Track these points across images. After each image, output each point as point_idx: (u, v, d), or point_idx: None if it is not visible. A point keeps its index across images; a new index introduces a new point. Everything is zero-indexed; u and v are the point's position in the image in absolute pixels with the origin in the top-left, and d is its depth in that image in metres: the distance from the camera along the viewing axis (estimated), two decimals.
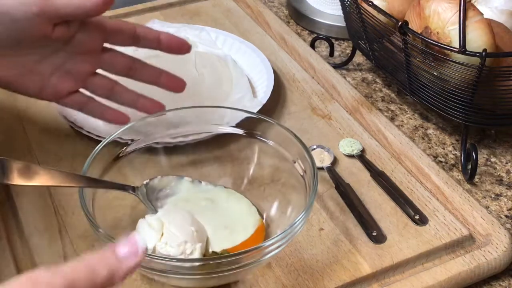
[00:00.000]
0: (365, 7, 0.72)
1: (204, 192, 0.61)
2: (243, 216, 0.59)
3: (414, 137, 0.74)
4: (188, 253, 0.53)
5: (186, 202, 0.60)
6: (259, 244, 0.50)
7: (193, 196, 0.61)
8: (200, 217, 0.57)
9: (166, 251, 0.52)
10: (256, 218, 0.59)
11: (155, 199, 0.60)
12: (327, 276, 0.55)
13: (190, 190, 0.61)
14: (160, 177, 0.61)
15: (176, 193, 0.61)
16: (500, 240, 0.58)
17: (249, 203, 0.61)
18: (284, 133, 0.59)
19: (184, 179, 0.62)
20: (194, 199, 0.61)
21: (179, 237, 0.53)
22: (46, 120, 0.72)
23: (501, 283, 0.58)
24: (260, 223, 0.59)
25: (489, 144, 0.74)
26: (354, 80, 0.84)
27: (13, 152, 0.68)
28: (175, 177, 0.62)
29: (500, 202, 0.66)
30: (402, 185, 0.64)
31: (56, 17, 0.57)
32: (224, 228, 0.58)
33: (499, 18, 0.70)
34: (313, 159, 0.55)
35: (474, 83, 0.64)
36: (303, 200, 0.56)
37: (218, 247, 0.56)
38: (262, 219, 0.59)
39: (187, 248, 0.53)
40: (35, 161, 0.67)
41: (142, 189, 0.59)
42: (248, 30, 0.90)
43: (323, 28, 0.93)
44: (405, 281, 0.55)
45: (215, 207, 0.60)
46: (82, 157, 0.67)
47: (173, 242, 0.53)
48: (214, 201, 0.60)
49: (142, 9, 0.94)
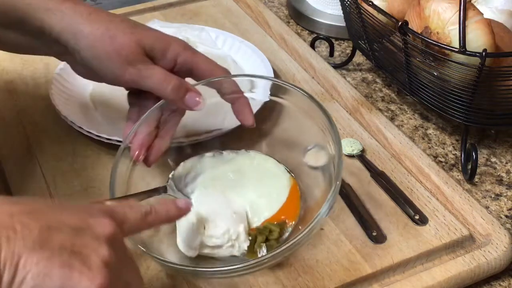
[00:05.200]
0: (365, 7, 0.72)
1: (229, 164, 0.62)
2: (273, 179, 0.60)
3: (414, 137, 0.74)
4: (234, 238, 0.54)
5: (214, 180, 0.61)
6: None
7: (219, 171, 0.61)
8: (232, 193, 0.58)
9: (213, 243, 0.54)
10: (286, 177, 0.59)
11: (184, 186, 0.60)
12: (327, 276, 0.55)
13: (215, 166, 0.62)
14: (182, 163, 0.61)
15: (202, 172, 0.61)
16: (500, 240, 0.58)
17: (275, 162, 0.61)
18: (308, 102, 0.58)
19: (205, 156, 0.62)
20: (221, 175, 0.61)
21: (221, 226, 0.54)
22: (46, 120, 0.72)
23: (501, 283, 0.58)
24: (292, 182, 0.59)
25: (489, 144, 0.74)
26: (354, 80, 0.84)
27: (13, 152, 0.68)
28: (196, 158, 0.62)
29: (500, 202, 0.66)
30: (402, 185, 0.64)
31: (136, 85, 0.59)
32: (259, 197, 0.58)
33: (499, 18, 0.70)
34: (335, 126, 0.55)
35: (474, 83, 0.64)
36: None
37: (259, 220, 0.57)
38: (292, 176, 0.59)
39: (232, 234, 0.54)
40: (35, 161, 0.67)
41: (171, 183, 0.59)
42: (248, 30, 0.90)
43: (323, 28, 0.93)
44: (405, 281, 0.55)
45: (244, 178, 0.60)
46: (82, 157, 0.68)
47: (217, 233, 0.54)
48: (240, 170, 0.61)
49: (142, 9, 0.94)
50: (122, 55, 0.56)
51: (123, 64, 0.57)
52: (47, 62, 0.81)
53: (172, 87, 0.57)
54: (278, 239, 0.55)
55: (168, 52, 0.59)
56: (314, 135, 0.59)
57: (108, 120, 0.71)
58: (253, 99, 0.74)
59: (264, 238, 0.55)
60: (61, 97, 0.72)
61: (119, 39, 0.57)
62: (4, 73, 0.80)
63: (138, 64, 0.57)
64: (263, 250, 0.54)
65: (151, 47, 0.58)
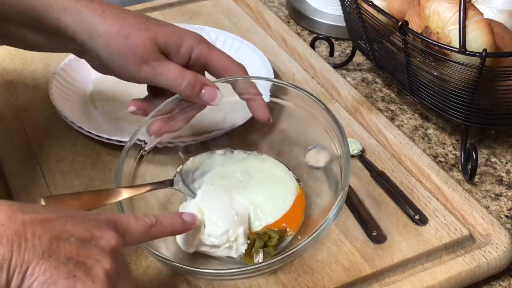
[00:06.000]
0: (365, 7, 0.72)
1: (238, 163, 0.62)
2: (281, 185, 0.60)
3: (414, 137, 0.74)
4: (233, 240, 0.54)
5: (221, 178, 0.61)
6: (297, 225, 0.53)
7: (227, 170, 0.61)
8: (238, 193, 0.58)
9: (210, 242, 0.54)
10: (294, 185, 0.59)
11: (191, 181, 0.60)
12: (327, 276, 0.55)
13: (224, 163, 0.62)
14: (192, 158, 0.61)
15: (211, 169, 0.61)
16: (500, 240, 0.58)
17: (285, 168, 0.61)
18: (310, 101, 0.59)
19: (215, 153, 0.62)
20: (229, 174, 0.61)
21: (221, 226, 0.54)
22: (46, 120, 0.72)
23: (501, 283, 0.58)
24: (299, 190, 0.59)
25: (489, 144, 0.74)
26: (354, 80, 0.84)
27: (13, 152, 0.68)
28: (207, 154, 0.62)
29: (500, 202, 0.66)
30: (402, 185, 0.64)
31: (151, 82, 0.59)
32: (264, 202, 0.58)
33: (499, 18, 0.70)
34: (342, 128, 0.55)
35: (474, 83, 0.64)
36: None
37: (260, 224, 0.57)
38: (299, 184, 0.59)
39: (231, 236, 0.54)
40: (35, 161, 0.67)
41: (178, 177, 0.59)
42: (248, 30, 0.90)
43: (323, 28, 0.93)
44: (405, 281, 0.55)
45: (251, 180, 0.60)
46: (82, 157, 0.68)
47: (216, 233, 0.54)
48: (249, 172, 0.61)
49: (142, 9, 0.94)
50: (136, 54, 0.57)
51: (138, 63, 0.57)
52: (47, 62, 0.81)
53: (186, 83, 0.57)
54: (276, 246, 0.55)
55: (182, 47, 0.59)
56: (315, 135, 0.59)
57: (108, 120, 0.71)
58: None
59: (263, 243, 0.55)
60: (61, 97, 0.72)
61: (133, 37, 0.57)
62: (4, 73, 0.80)
63: (152, 62, 0.57)
64: (260, 255, 0.54)
65: (165, 43, 0.58)
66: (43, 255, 0.38)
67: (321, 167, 0.60)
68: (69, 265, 0.39)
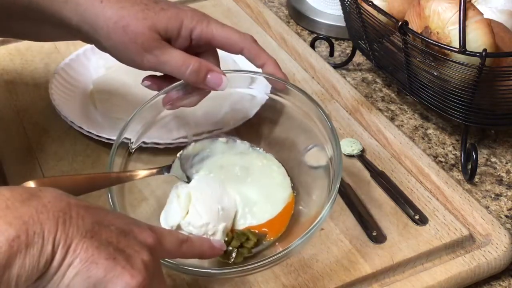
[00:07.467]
0: (365, 7, 0.72)
1: (240, 156, 0.61)
2: (275, 190, 0.59)
3: (414, 137, 0.74)
4: (210, 234, 0.54)
5: (220, 168, 0.60)
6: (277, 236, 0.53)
7: (227, 161, 0.61)
8: (232, 186, 0.58)
9: (188, 231, 0.54)
10: (288, 192, 0.59)
11: (190, 166, 0.60)
12: (327, 276, 0.55)
13: (225, 152, 0.62)
14: (193, 144, 0.61)
15: (211, 155, 0.61)
16: (500, 240, 0.58)
17: (284, 173, 0.60)
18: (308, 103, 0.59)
19: (218, 140, 0.62)
20: (228, 165, 0.61)
21: (203, 217, 0.54)
22: (46, 120, 0.72)
23: (501, 283, 0.58)
24: (291, 198, 0.59)
25: (489, 144, 0.74)
26: (354, 80, 0.84)
27: (13, 152, 0.68)
28: (209, 140, 0.62)
29: (500, 202, 0.66)
30: (402, 185, 0.64)
31: (156, 70, 0.59)
32: (254, 203, 0.58)
33: (499, 18, 0.70)
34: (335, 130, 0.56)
35: (474, 83, 0.64)
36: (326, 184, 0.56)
37: (244, 224, 0.57)
38: (293, 192, 0.59)
39: (209, 230, 0.54)
40: (35, 161, 0.67)
41: (176, 163, 0.59)
42: (248, 30, 0.90)
43: (323, 28, 0.93)
44: (405, 281, 0.55)
45: (248, 177, 0.60)
46: (82, 157, 0.68)
47: (196, 223, 0.54)
48: (248, 169, 0.61)
49: None
50: (137, 44, 0.56)
51: (140, 52, 0.57)
52: (47, 62, 0.81)
53: (191, 70, 0.57)
54: (251, 249, 0.55)
55: (182, 30, 0.58)
56: (313, 135, 0.59)
57: (108, 120, 0.71)
58: (253, 96, 0.74)
59: (239, 243, 0.55)
60: (61, 97, 0.72)
61: (132, 27, 0.56)
62: (4, 73, 0.80)
63: (155, 50, 0.57)
64: (233, 255, 0.54)
65: (165, 29, 0.58)
66: (86, 234, 0.39)
67: (320, 166, 0.60)
68: (109, 248, 0.39)
